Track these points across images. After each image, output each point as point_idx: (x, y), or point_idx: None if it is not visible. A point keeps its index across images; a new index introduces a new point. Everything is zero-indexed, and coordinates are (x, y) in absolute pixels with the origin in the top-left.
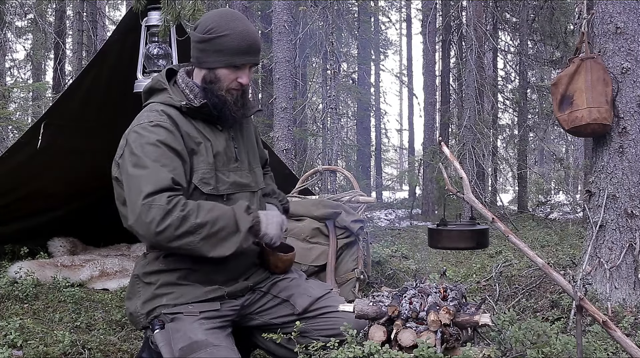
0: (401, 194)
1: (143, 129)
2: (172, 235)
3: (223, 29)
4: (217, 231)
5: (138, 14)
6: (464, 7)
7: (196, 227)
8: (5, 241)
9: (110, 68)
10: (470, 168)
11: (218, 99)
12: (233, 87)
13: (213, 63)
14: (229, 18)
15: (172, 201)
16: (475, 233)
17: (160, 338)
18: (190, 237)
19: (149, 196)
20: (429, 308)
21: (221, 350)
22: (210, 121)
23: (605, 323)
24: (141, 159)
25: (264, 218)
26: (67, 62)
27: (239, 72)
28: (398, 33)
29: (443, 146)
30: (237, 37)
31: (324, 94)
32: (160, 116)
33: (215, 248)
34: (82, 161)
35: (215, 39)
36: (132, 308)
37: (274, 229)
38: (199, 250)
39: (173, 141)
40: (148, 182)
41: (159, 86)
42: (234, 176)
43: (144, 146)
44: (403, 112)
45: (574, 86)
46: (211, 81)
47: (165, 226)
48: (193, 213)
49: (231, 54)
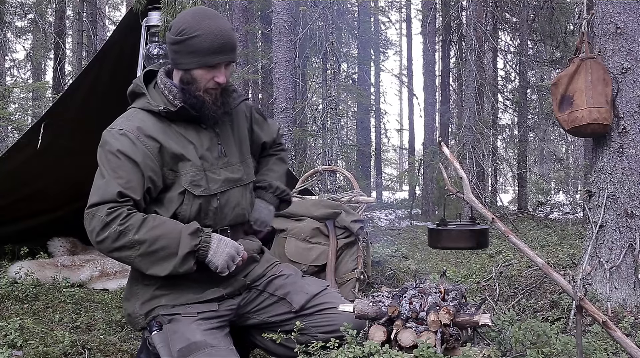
0: (401, 195)
1: (111, 136)
2: (110, 246)
3: (194, 29)
4: (156, 251)
5: (138, 14)
6: (464, 7)
7: (133, 243)
8: (5, 241)
9: (110, 68)
10: (470, 168)
11: (196, 100)
12: (210, 87)
13: (188, 64)
14: (200, 17)
15: (112, 214)
16: (475, 233)
17: (159, 340)
18: (127, 252)
19: (92, 206)
20: (429, 308)
21: (220, 351)
22: (193, 120)
23: (605, 323)
24: (101, 167)
25: (214, 244)
26: (67, 62)
27: (214, 71)
28: (398, 33)
29: (443, 146)
30: (209, 37)
31: (324, 94)
32: (130, 124)
33: (152, 266)
34: (82, 161)
35: (188, 40)
36: (130, 309)
37: (222, 259)
38: (137, 265)
39: (134, 152)
40: (97, 192)
41: (137, 89)
42: (224, 173)
43: (107, 155)
44: (403, 112)
45: (574, 86)
46: (188, 82)
47: (104, 237)
48: (132, 229)
49: (204, 54)
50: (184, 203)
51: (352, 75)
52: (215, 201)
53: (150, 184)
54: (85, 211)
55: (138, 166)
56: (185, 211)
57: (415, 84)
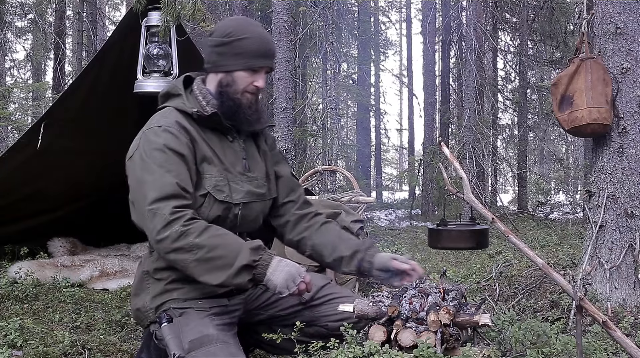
0: (401, 195)
1: (152, 134)
2: (169, 246)
3: (242, 32)
4: (213, 258)
5: (138, 14)
6: (464, 7)
7: (192, 246)
8: (5, 241)
9: (110, 68)
10: (470, 168)
11: (233, 102)
12: (249, 90)
13: (231, 66)
14: (247, 23)
15: (176, 213)
16: (475, 233)
17: (168, 332)
18: (184, 254)
19: (154, 202)
20: (429, 308)
21: (230, 348)
22: (221, 131)
23: (605, 323)
24: (147, 164)
25: (274, 263)
26: (67, 62)
27: (255, 75)
28: (398, 33)
29: (443, 146)
30: (257, 40)
31: (324, 94)
32: (169, 120)
33: (206, 273)
34: (82, 161)
35: (235, 41)
36: (139, 304)
37: (281, 278)
38: (191, 270)
39: (178, 145)
40: (153, 188)
41: (175, 91)
42: (248, 186)
43: (151, 151)
44: (403, 112)
45: (574, 86)
46: (228, 84)
47: (164, 236)
48: (195, 232)
49: (250, 56)
50: (204, 206)
51: (352, 75)
52: (237, 209)
53: (196, 177)
54: (147, 209)
55: (184, 159)
56: (203, 213)
57: (415, 84)
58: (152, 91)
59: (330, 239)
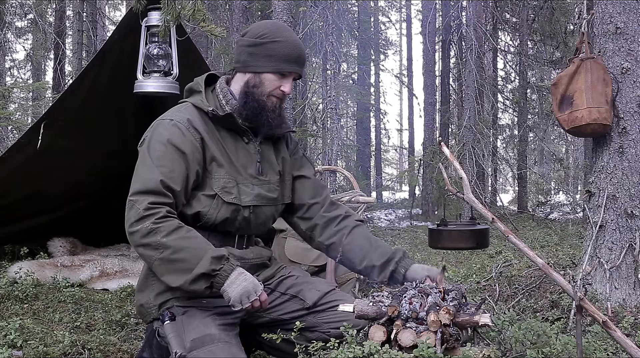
0: (401, 195)
1: (162, 126)
2: (138, 240)
3: (276, 35)
4: (176, 260)
5: (138, 14)
6: (464, 7)
7: (159, 245)
8: (5, 241)
9: (110, 68)
10: (470, 168)
11: (257, 104)
12: (275, 94)
13: (261, 67)
14: (282, 27)
15: (150, 210)
16: (475, 233)
17: (170, 329)
18: (151, 251)
19: (135, 194)
20: (429, 308)
21: (232, 348)
22: (237, 132)
23: (605, 323)
24: (146, 155)
25: (233, 275)
26: (67, 62)
27: (283, 80)
28: (398, 33)
29: (443, 146)
30: (289, 45)
31: (324, 94)
32: (181, 116)
33: (167, 274)
34: (82, 161)
35: (268, 43)
36: (143, 300)
37: (236, 292)
38: (155, 267)
39: (182, 142)
40: (139, 180)
41: (196, 87)
42: (258, 189)
43: (155, 143)
44: (403, 113)
45: (574, 86)
46: (255, 84)
47: (135, 230)
48: (163, 231)
49: (281, 60)
50: (212, 207)
51: (352, 75)
52: (246, 212)
53: (195, 176)
54: (128, 198)
55: (185, 157)
56: (212, 214)
57: (415, 84)
58: (152, 91)
59: (361, 245)
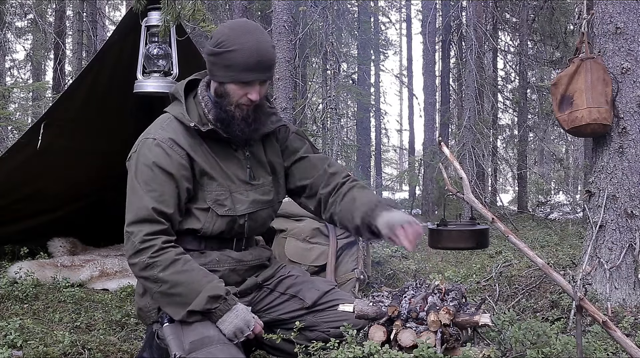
0: (401, 195)
1: (146, 148)
2: (137, 273)
3: (232, 43)
4: (174, 295)
5: (138, 14)
6: (464, 7)
7: (157, 279)
8: (5, 241)
9: (110, 68)
10: (470, 168)
11: (226, 114)
12: (243, 102)
13: (222, 78)
14: (240, 32)
15: (146, 242)
16: (475, 233)
17: (170, 332)
18: (150, 284)
19: (129, 225)
20: (429, 308)
21: (231, 349)
22: (224, 141)
23: (605, 323)
24: (134, 181)
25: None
26: (67, 62)
27: (248, 88)
28: (398, 33)
29: (443, 146)
30: (245, 53)
31: (324, 94)
32: (163, 134)
33: (167, 306)
34: (82, 161)
35: (224, 53)
36: (142, 303)
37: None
38: (155, 298)
39: (168, 164)
40: (131, 209)
41: (178, 96)
42: (253, 195)
43: (141, 166)
44: (403, 113)
45: (574, 86)
46: (221, 94)
47: (134, 262)
48: (160, 265)
49: (238, 70)
50: (207, 220)
51: (352, 75)
52: (242, 221)
53: (187, 193)
54: (125, 229)
55: (173, 178)
56: (207, 228)
57: (415, 84)
58: (152, 91)
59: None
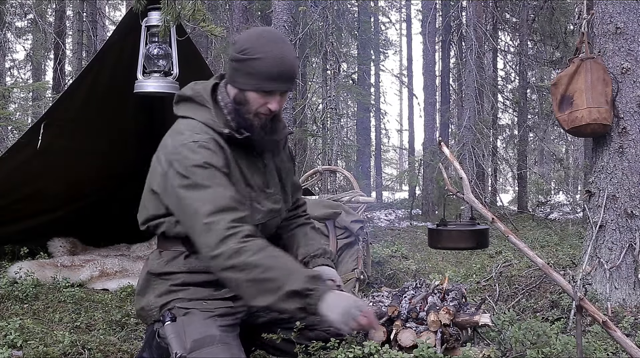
0: (401, 195)
1: (188, 150)
2: (222, 264)
3: (256, 51)
4: (265, 280)
5: (138, 14)
6: (464, 7)
7: (246, 265)
8: (5, 241)
9: (110, 68)
10: (470, 168)
11: (245, 122)
12: (262, 111)
13: (243, 85)
14: (266, 41)
15: (232, 229)
16: (475, 233)
17: (171, 330)
18: (237, 273)
19: (209, 215)
20: (429, 308)
21: (232, 349)
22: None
23: (605, 323)
24: (193, 181)
25: (329, 298)
26: (67, 62)
27: (268, 97)
28: (398, 33)
29: (443, 146)
30: (269, 62)
31: (324, 94)
32: (204, 136)
33: (257, 295)
34: (82, 161)
35: (248, 60)
36: (144, 302)
37: (336, 315)
38: (242, 290)
39: (218, 162)
40: (206, 201)
41: (200, 101)
42: (268, 204)
43: (192, 168)
44: (403, 113)
45: (574, 86)
46: (240, 102)
47: (218, 253)
48: (250, 250)
49: (261, 78)
50: None
51: (352, 75)
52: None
53: None
54: (202, 223)
55: (226, 175)
56: None
57: (415, 84)
58: (152, 91)
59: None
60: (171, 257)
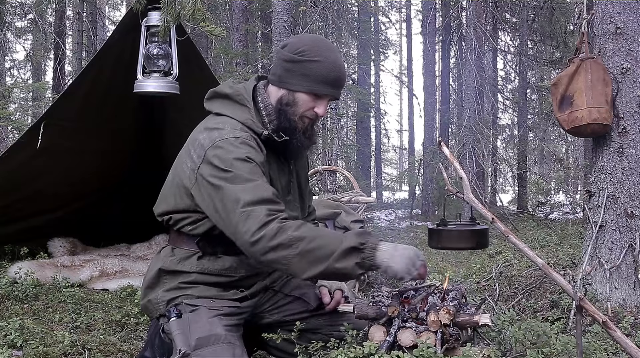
0: (401, 195)
1: (228, 144)
2: (266, 245)
3: (316, 54)
4: (314, 249)
5: (138, 14)
6: (464, 7)
7: (292, 240)
8: (5, 241)
9: (110, 68)
10: (470, 168)
11: (289, 124)
12: (308, 115)
13: (295, 85)
14: (323, 46)
15: (271, 215)
16: (475, 233)
17: (176, 327)
18: (284, 250)
19: (248, 205)
20: (429, 308)
21: (236, 349)
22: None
23: (605, 323)
24: (234, 173)
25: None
26: (67, 62)
27: (318, 101)
28: (398, 33)
29: (443, 146)
30: (328, 66)
31: None
32: (244, 134)
33: (309, 267)
34: (82, 161)
35: (306, 62)
36: (152, 296)
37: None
38: (294, 266)
39: (258, 158)
40: (246, 192)
41: (240, 100)
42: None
43: (232, 161)
44: (403, 113)
45: (574, 86)
46: (288, 103)
47: (260, 236)
48: (292, 226)
49: (317, 81)
50: None
51: (352, 75)
52: None
53: None
54: (239, 211)
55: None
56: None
57: (415, 84)
58: (152, 91)
59: None
60: (184, 256)
